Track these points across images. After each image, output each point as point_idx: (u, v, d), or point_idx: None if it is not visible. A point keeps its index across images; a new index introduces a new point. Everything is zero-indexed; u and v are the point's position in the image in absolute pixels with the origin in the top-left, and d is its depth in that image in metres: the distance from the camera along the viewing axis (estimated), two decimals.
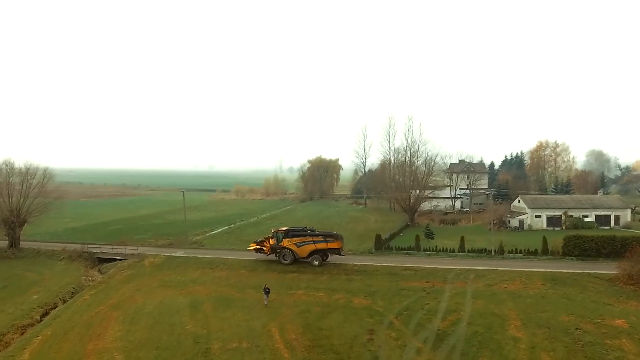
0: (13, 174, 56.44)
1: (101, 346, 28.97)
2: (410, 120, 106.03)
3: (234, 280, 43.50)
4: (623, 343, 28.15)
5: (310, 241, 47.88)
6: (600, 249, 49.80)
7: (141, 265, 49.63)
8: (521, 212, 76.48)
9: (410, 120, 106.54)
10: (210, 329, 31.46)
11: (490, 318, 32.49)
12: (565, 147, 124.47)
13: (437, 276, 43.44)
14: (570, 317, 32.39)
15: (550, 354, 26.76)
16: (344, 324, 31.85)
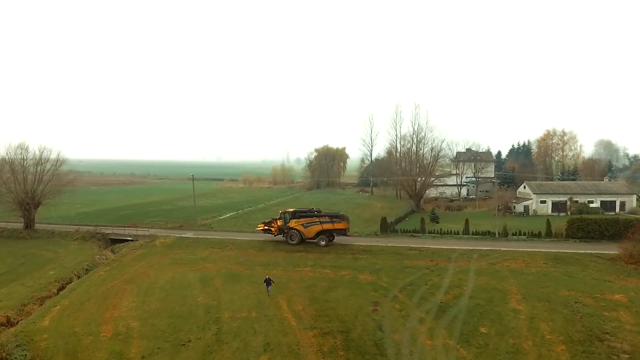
0: (27, 157, 57.87)
1: (117, 314, 30.29)
2: (417, 108, 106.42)
3: (242, 258, 44.67)
4: (621, 315, 28.96)
5: (317, 222, 48.88)
6: (604, 231, 50.31)
7: (152, 245, 51.00)
8: (526, 197, 76.93)
9: (417, 107, 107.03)
10: (220, 300, 32.65)
11: (491, 292, 33.37)
12: (573, 136, 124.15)
13: (441, 255, 44.32)
14: (570, 292, 33.22)
15: (549, 324, 27.64)
16: (350, 297, 32.87)
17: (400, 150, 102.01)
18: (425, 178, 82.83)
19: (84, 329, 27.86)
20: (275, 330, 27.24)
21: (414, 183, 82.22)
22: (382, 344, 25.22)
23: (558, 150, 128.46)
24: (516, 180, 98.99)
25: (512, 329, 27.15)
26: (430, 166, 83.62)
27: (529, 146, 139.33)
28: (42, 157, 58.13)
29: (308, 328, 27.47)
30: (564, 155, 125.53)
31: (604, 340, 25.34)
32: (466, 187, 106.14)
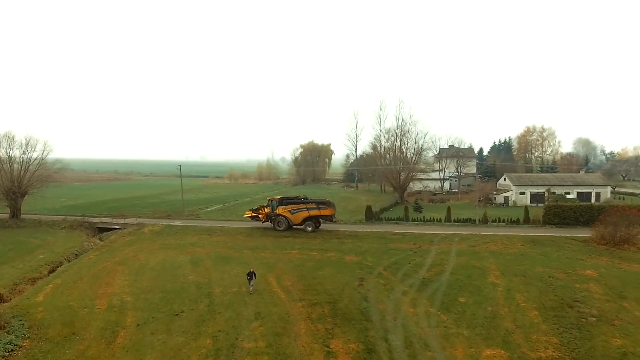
0: (14, 146, 57.84)
1: (110, 291, 31.05)
2: (401, 103, 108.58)
3: (231, 243, 45.64)
4: (591, 286, 30.84)
5: (304, 208, 50.11)
6: (579, 217, 52.53)
7: (141, 232, 51.58)
8: (506, 189, 79.30)
9: (401, 102, 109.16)
10: (210, 278, 33.65)
11: (471, 270, 35.03)
12: (552, 132, 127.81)
13: (424, 239, 45.94)
14: (545, 268, 35.07)
15: (524, 294, 29.34)
16: (336, 275, 34.18)
17: (384, 144, 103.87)
18: (408, 170, 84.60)
19: (78, 303, 28.59)
20: (266, 302, 28.36)
21: (398, 175, 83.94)
22: (368, 311, 26.56)
23: (538, 146, 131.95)
24: (497, 174, 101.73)
25: (490, 299, 28.76)
26: (414, 158, 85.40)
27: (510, 142, 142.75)
28: (28, 145, 58.14)
29: (297, 300, 28.67)
30: (543, 150, 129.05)
31: (574, 306, 27.08)
32: (449, 181, 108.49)
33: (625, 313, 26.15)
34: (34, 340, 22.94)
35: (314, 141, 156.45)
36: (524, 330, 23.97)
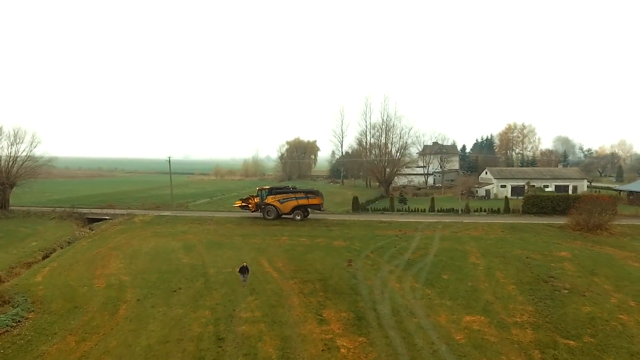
0: (1, 137, 57.87)
1: (107, 272, 31.98)
2: (386, 99, 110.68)
3: (222, 231, 46.69)
4: (565, 265, 32.87)
5: (293, 197, 51.41)
6: (556, 206, 54.85)
7: (132, 222, 52.26)
8: (488, 182, 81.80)
9: (386, 99, 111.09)
10: (204, 261, 34.78)
11: (454, 252, 36.82)
12: (532, 129, 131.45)
13: (409, 227, 47.66)
14: (523, 251, 37.04)
15: (503, 272, 31.19)
16: (325, 257, 35.62)
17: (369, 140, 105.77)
18: (394, 165, 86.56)
19: (77, 283, 29.50)
20: (259, 280, 29.66)
21: (384, 169, 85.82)
22: (357, 287, 28.09)
23: (518, 143, 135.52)
24: (479, 169, 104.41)
25: (471, 276, 30.54)
26: (399, 152, 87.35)
27: (492, 140, 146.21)
28: (17, 137, 58.23)
29: (289, 278, 30.04)
30: (523, 147, 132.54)
31: (548, 281, 29.01)
32: (432, 177, 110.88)
33: (595, 286, 28.15)
34: (38, 313, 23.89)
35: (300, 138, 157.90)
36: (502, 300, 25.77)
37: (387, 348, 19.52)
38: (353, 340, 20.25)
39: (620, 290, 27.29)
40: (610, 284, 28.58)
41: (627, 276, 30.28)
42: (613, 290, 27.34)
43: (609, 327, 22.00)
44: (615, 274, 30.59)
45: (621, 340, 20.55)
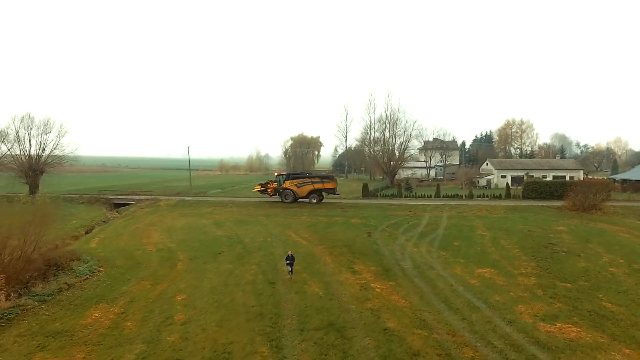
0: (33, 126, 61.20)
1: (152, 241, 35.56)
2: (389, 95, 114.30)
3: (245, 212, 50.33)
4: (562, 236, 36.63)
5: (309, 182, 55.09)
6: (554, 192, 58.63)
7: (158, 205, 55.83)
8: (489, 173, 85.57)
9: (389, 95, 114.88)
10: (237, 233, 38.37)
11: (461, 227, 40.55)
12: (530, 124, 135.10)
13: (418, 208, 51.39)
14: (524, 226, 40.76)
15: (507, 241, 34.88)
16: (346, 230, 39.29)
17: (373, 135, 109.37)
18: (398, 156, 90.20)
19: (130, 248, 33.08)
20: (291, 246, 33.17)
21: (389, 161, 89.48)
22: (379, 250, 31.76)
23: (517, 139, 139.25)
24: (479, 162, 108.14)
25: (479, 243, 34.25)
26: (404, 144, 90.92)
27: (491, 135, 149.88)
28: (47, 126, 61.62)
29: (317, 245, 33.67)
30: (522, 142, 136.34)
31: (548, 247, 32.74)
32: (435, 170, 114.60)
33: (589, 250, 31.91)
34: (107, 267, 27.45)
35: (304, 133, 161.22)
36: (508, 260, 29.48)
37: (414, 288, 23.18)
38: (384, 284, 23.90)
39: (611, 253, 31.06)
40: (602, 248, 32.34)
41: (617, 243, 34.10)
42: (604, 252, 31.11)
43: (600, 276, 25.75)
44: (607, 242, 34.38)
45: (611, 284, 24.28)
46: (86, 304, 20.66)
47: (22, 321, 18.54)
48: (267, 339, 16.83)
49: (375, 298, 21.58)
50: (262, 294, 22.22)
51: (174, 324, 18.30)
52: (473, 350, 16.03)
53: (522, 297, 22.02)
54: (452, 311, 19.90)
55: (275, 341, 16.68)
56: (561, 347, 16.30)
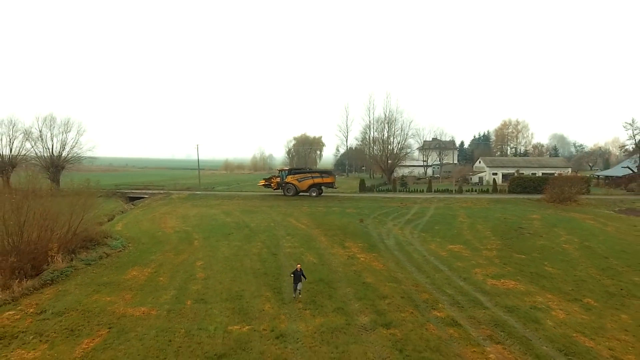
0: (54, 125, 66.27)
1: (169, 225, 40.36)
2: (388, 96, 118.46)
3: (250, 203, 55.11)
4: (534, 222, 41.14)
5: (309, 176, 59.85)
6: (537, 186, 63.08)
7: (170, 198, 60.72)
8: (481, 170, 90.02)
9: (388, 96, 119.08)
10: (244, 220, 43.10)
11: (445, 215, 45.17)
12: (525, 125, 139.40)
13: (409, 201, 56.05)
14: (502, 215, 45.33)
15: (483, 225, 39.47)
16: (341, 218, 43.97)
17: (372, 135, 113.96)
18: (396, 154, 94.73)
19: (151, 230, 37.89)
20: (292, 229, 37.98)
21: (386, 159, 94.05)
22: (368, 232, 36.42)
23: (513, 138, 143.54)
24: (475, 160, 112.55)
25: (457, 227, 38.85)
26: (401, 143, 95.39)
27: (489, 135, 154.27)
28: (68, 124, 66.74)
29: (314, 228, 38.37)
30: (517, 142, 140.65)
31: (517, 230, 37.29)
32: (432, 168, 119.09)
33: (553, 233, 36.42)
34: (134, 244, 32.25)
35: (306, 134, 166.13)
36: (479, 239, 34.07)
37: (392, 258, 27.85)
38: (368, 255, 28.58)
39: (570, 234, 35.59)
40: (564, 231, 36.86)
41: (580, 227, 38.63)
42: (565, 234, 35.66)
43: (552, 250, 30.32)
44: (571, 226, 38.91)
45: (558, 255, 28.84)
46: (124, 266, 25.46)
47: (76, 277, 23.35)
48: (270, 288, 21.56)
49: (359, 264, 26.28)
50: (266, 261, 26.94)
51: (197, 279, 23.05)
52: (429, 294, 20.71)
53: (481, 263, 26.66)
54: (420, 272, 24.57)
55: (276, 289, 21.40)
56: (499, 293, 20.95)
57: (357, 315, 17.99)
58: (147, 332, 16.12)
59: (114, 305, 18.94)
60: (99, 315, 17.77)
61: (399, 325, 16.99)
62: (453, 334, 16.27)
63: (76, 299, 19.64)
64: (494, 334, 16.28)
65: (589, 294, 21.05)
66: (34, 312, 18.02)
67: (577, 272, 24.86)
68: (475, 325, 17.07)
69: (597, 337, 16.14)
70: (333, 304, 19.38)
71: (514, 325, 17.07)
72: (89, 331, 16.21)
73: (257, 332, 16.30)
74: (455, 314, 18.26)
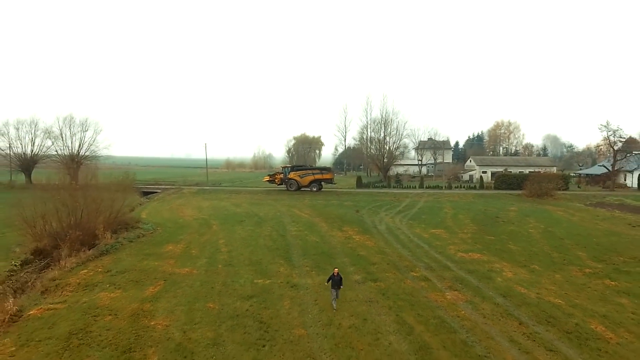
0: (73, 124, 71.52)
1: (187, 214, 45.58)
2: (385, 98, 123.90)
3: (256, 197, 60.40)
4: (510, 213, 46.50)
5: (310, 173, 65.19)
6: (520, 183, 68.49)
7: (182, 192, 65.95)
8: (472, 169, 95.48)
9: (385, 97, 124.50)
10: (252, 210, 48.35)
11: (433, 207, 50.55)
12: (517, 126, 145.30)
13: (401, 195, 61.42)
14: (485, 207, 50.73)
15: (464, 215, 44.83)
16: (339, 209, 49.28)
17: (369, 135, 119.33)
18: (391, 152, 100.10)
19: (172, 217, 43.11)
20: (296, 217, 43.27)
21: (382, 157, 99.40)
22: (363, 220, 41.74)
23: (505, 139, 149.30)
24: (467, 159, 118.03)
25: (442, 216, 44.20)
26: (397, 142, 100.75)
27: (482, 136, 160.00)
28: (85, 125, 71.98)
29: (315, 217, 43.66)
30: (509, 142, 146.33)
31: (494, 219, 42.64)
32: (426, 167, 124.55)
33: (524, 221, 41.77)
34: (162, 228, 37.46)
35: (306, 133, 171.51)
36: (458, 226, 39.40)
37: (382, 239, 33.16)
38: (362, 236, 33.88)
39: (539, 222, 40.96)
40: (535, 220, 42.21)
41: (550, 217, 44.02)
42: (534, 222, 41.03)
43: (519, 234, 35.66)
44: (542, 216, 44.29)
45: (522, 237, 34.17)
46: (160, 243, 30.72)
47: (124, 249, 28.60)
48: (282, 258, 26.84)
49: (354, 243, 31.60)
50: (276, 240, 32.22)
51: (222, 252, 28.33)
52: (409, 262, 26.05)
53: (456, 242, 32.01)
54: (404, 248, 29.90)
55: (287, 259, 26.69)
56: (465, 262, 26.28)
57: (351, 275, 23.29)
58: (194, 283, 21.42)
59: (163, 267, 24.22)
60: (154, 273, 23.04)
61: (384, 280, 22.30)
62: (424, 286, 21.59)
63: (131, 263, 24.92)
64: (454, 285, 21.62)
65: (537, 263, 26.42)
66: (102, 271, 23.27)
67: (533, 249, 30.23)
68: (441, 281, 22.39)
69: (531, 287, 21.48)
70: (333, 267, 24.65)
71: (471, 281, 22.40)
72: (150, 282, 21.47)
73: (276, 283, 21.60)
74: (427, 274, 23.58)
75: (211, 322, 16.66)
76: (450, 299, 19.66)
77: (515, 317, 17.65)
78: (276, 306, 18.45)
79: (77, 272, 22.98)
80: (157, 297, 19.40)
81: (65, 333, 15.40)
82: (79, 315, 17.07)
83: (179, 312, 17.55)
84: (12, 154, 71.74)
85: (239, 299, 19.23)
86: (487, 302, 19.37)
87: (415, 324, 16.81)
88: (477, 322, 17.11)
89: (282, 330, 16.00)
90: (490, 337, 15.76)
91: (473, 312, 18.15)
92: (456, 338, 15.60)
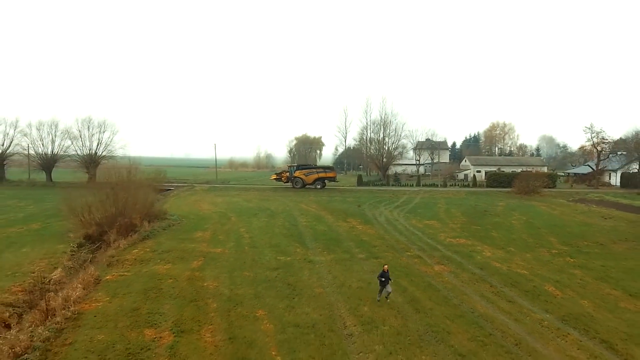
0: (92, 125, 76.17)
1: (205, 208, 50.23)
2: (384, 100, 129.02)
3: (265, 194, 65.12)
4: (498, 208, 51.34)
5: (315, 171, 70.07)
6: (511, 181, 73.33)
7: (194, 190, 70.67)
8: (467, 168, 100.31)
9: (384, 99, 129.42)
10: (263, 205, 53.04)
11: (428, 203, 55.34)
12: (512, 127, 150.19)
13: (399, 193, 66.23)
14: (475, 203, 55.54)
15: (457, 209, 49.60)
16: (342, 204, 54.04)
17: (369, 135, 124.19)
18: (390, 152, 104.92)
19: (193, 210, 47.80)
20: (304, 211, 47.99)
21: (382, 157, 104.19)
22: (365, 214, 46.50)
23: (500, 140, 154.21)
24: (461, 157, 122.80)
25: (436, 210, 48.97)
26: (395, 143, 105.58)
27: (478, 137, 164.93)
28: (105, 125, 76.72)
29: (322, 211, 48.40)
30: (504, 143, 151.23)
31: (482, 213, 47.42)
32: (424, 167, 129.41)
33: (509, 214, 46.58)
34: (186, 219, 42.15)
35: (307, 134, 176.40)
36: (450, 218, 44.18)
37: (382, 228, 37.91)
38: (365, 226, 38.62)
39: (522, 215, 45.76)
40: (519, 214, 47.01)
41: (533, 210, 48.84)
42: (518, 215, 45.84)
43: (502, 225, 40.41)
44: (526, 211, 49.09)
45: (505, 227, 38.92)
46: (190, 231, 35.42)
47: (161, 235, 33.30)
48: (297, 242, 31.57)
49: (358, 231, 36.36)
50: (289, 229, 36.95)
51: (245, 237, 33.04)
52: (405, 245, 30.83)
53: (446, 231, 36.79)
54: (401, 235, 34.66)
55: (302, 243, 31.41)
56: (452, 245, 31.05)
57: (356, 254, 28.05)
58: (228, 258, 26.16)
59: (199, 247, 28.97)
60: (193, 252, 27.77)
61: (384, 258, 27.05)
62: (416, 262, 26.35)
63: (172, 245, 29.64)
64: (441, 261, 26.40)
65: (513, 246, 31.22)
66: (150, 251, 27.97)
67: (513, 236, 35.04)
68: (431, 258, 27.17)
69: (504, 263, 26.27)
70: (340, 249, 29.45)
71: (455, 258, 27.17)
72: (192, 258, 26.19)
73: (295, 260, 26.34)
74: (420, 253, 28.36)
75: (249, 284, 21.38)
76: (437, 270, 24.43)
77: (487, 282, 22.41)
78: (298, 274, 23.17)
79: (130, 251, 27.70)
80: (202, 268, 24.12)
81: (142, 289, 20.11)
82: (146, 279, 21.78)
83: (223, 278, 22.28)
84: (34, 153, 76.30)
85: (267, 270, 23.96)
86: (466, 272, 24.13)
87: (409, 285, 21.56)
88: (457, 285, 21.87)
89: (305, 289, 20.72)
90: (465, 294, 20.51)
91: (454, 278, 22.91)
92: (439, 294, 20.34)
